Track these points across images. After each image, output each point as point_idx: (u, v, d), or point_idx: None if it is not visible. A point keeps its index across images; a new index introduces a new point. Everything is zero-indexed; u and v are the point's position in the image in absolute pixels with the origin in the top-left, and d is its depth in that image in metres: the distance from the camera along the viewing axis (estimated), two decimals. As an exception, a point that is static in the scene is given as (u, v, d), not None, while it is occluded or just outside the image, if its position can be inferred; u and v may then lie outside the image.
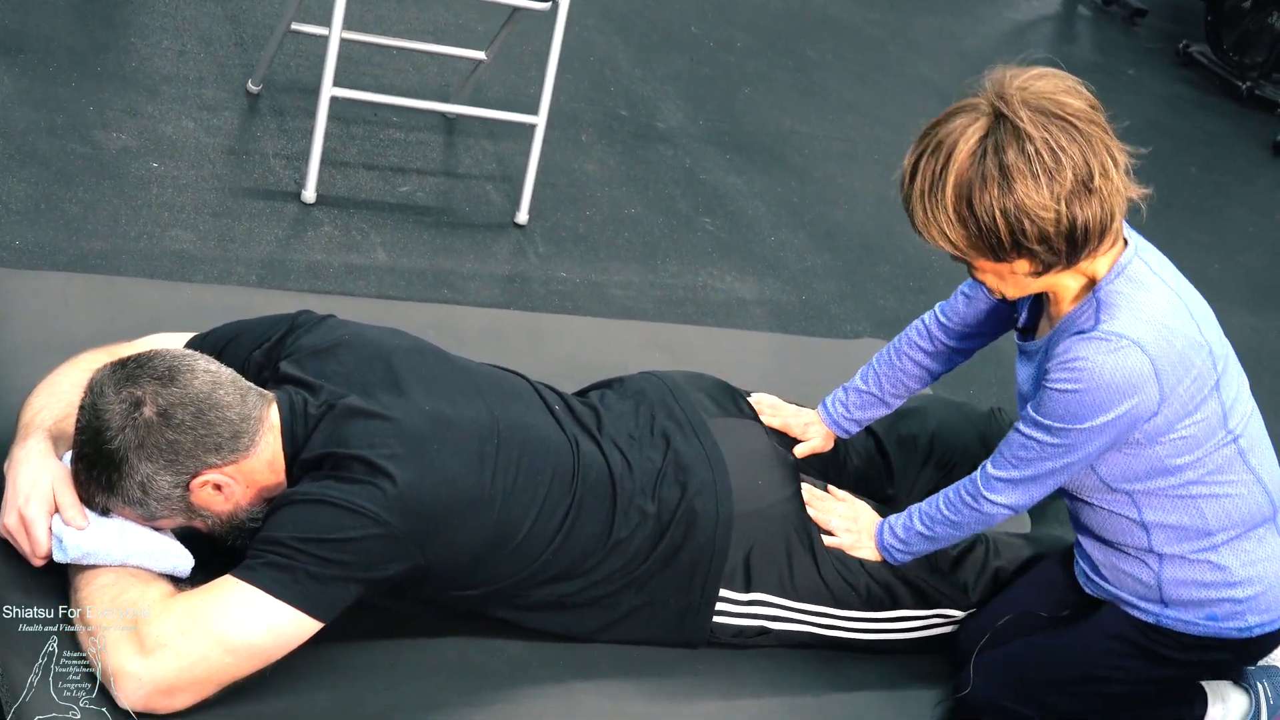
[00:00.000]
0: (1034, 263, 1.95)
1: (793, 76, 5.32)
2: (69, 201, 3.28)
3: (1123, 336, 1.95)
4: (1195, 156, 5.85)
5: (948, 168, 1.91)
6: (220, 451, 1.87)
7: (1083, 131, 1.90)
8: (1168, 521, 2.10)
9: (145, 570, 1.86)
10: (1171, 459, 2.05)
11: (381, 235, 3.58)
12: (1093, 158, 1.90)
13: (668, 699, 2.15)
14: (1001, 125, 1.90)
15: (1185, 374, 1.98)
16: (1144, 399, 1.96)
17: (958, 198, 1.91)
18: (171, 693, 1.76)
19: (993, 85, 1.94)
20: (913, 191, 1.96)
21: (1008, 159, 1.88)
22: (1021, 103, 1.90)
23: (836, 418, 2.44)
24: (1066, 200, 1.89)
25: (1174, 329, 1.98)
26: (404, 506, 1.86)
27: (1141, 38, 7.03)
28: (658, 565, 2.16)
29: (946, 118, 1.96)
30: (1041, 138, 1.88)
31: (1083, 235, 1.92)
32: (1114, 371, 1.94)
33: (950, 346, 2.39)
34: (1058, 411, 2.00)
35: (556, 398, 2.25)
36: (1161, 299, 2.00)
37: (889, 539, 2.28)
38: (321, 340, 2.08)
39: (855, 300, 4.02)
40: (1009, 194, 1.88)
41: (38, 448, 1.91)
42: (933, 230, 1.96)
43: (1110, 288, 2.00)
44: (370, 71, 4.22)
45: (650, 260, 3.88)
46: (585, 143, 4.34)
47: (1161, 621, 2.16)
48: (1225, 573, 2.12)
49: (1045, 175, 1.88)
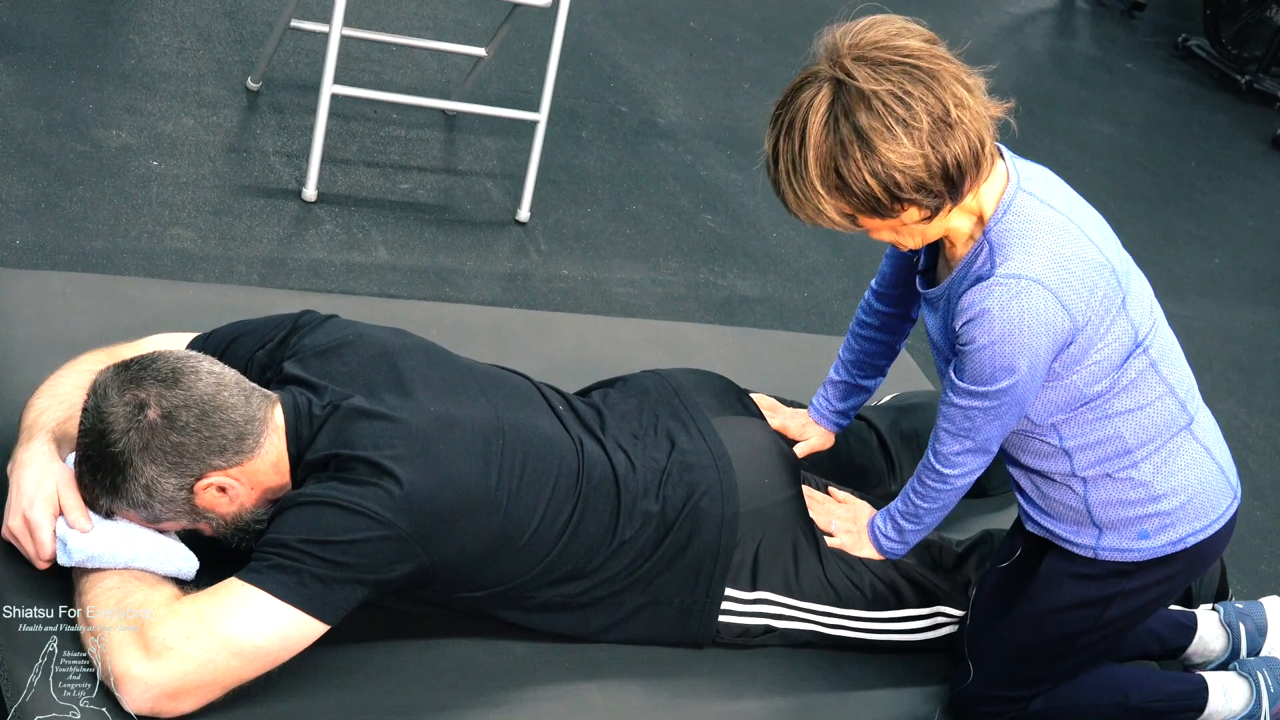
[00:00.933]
0: (920, 209, 1.93)
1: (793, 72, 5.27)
2: (69, 200, 3.27)
3: (1020, 277, 1.94)
4: (1194, 151, 5.85)
5: (804, 144, 1.90)
6: (225, 453, 1.87)
7: (925, 69, 1.88)
8: (1087, 443, 2.10)
9: (150, 573, 1.85)
10: (1090, 385, 2.05)
11: (383, 233, 3.57)
12: (942, 92, 1.88)
13: (673, 698, 2.14)
14: (843, 89, 1.88)
15: (1091, 297, 1.98)
16: (1057, 331, 1.96)
17: (823, 171, 1.90)
18: (177, 696, 1.75)
19: (825, 50, 1.92)
20: (779, 176, 1.95)
21: (860, 121, 1.86)
22: (855, 60, 1.88)
23: (824, 413, 2.45)
24: (930, 142, 1.87)
25: (1070, 254, 1.97)
26: (410, 508, 1.86)
27: (1140, 31, 7.02)
28: (662, 564, 2.15)
29: (792, 94, 1.94)
30: (885, 90, 1.86)
31: (957, 170, 1.90)
32: (1021, 314, 1.93)
33: (891, 313, 2.38)
34: (983, 372, 1.99)
35: (560, 398, 2.25)
36: (1052, 227, 1.99)
37: (883, 539, 2.29)
38: (325, 340, 2.07)
39: (857, 297, 4.00)
40: (872, 155, 1.87)
41: (41, 450, 1.90)
42: (808, 210, 1.95)
43: (999, 227, 1.99)
44: (370, 68, 4.22)
45: (652, 257, 3.88)
46: (586, 139, 4.33)
47: (1099, 554, 2.16)
48: (1148, 487, 2.12)
49: (901, 126, 1.86)
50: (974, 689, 2.26)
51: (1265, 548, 3.52)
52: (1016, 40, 6.61)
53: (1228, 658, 2.49)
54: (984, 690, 2.26)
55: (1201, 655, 2.51)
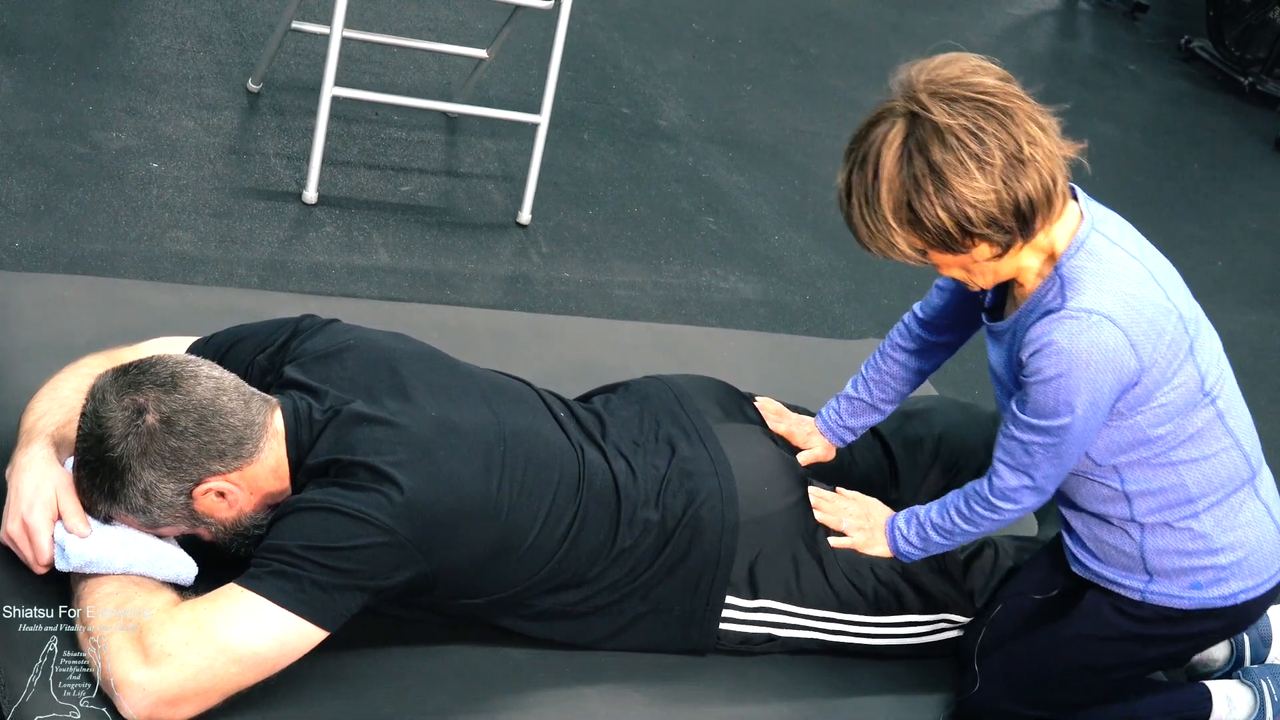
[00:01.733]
0: (992, 245, 1.94)
1: (794, 73, 5.31)
2: (69, 202, 3.27)
3: (1091, 312, 1.94)
4: (1197, 153, 5.84)
5: (878, 179, 1.91)
6: (224, 458, 1.86)
7: (999, 107, 1.89)
8: (1149, 489, 2.09)
9: (148, 578, 1.84)
10: (1153, 428, 2.04)
11: (383, 236, 3.57)
12: (1016, 129, 1.89)
13: (674, 706, 2.13)
14: (918, 124, 1.89)
15: (1159, 340, 1.97)
16: (1124, 369, 1.95)
17: (896, 206, 1.91)
18: (176, 703, 1.74)
19: (901, 85, 1.93)
20: (852, 210, 1.96)
21: (934, 156, 1.87)
22: (931, 95, 1.89)
23: (831, 425, 2.44)
24: (1002, 179, 1.88)
25: (1141, 297, 1.97)
26: (411, 514, 1.85)
27: (1143, 33, 7.01)
28: (663, 573, 2.14)
29: (866, 129, 1.95)
30: (959, 125, 1.87)
31: (1029, 207, 1.91)
32: (1089, 348, 1.93)
33: (931, 341, 2.38)
34: (1047, 404, 1.99)
35: (561, 404, 2.24)
36: (1124, 268, 1.99)
37: (902, 542, 2.27)
38: (326, 345, 2.06)
39: (859, 300, 4.00)
40: (945, 189, 1.87)
41: (40, 454, 1.89)
42: (880, 243, 1.96)
43: (1072, 263, 1.99)
44: (371, 70, 4.21)
45: (653, 260, 3.87)
46: (587, 141, 4.32)
47: (1147, 598, 2.15)
48: (1207, 540, 2.11)
49: (974, 161, 1.86)
50: (986, 701, 2.25)
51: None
52: (1019, 41, 6.60)
53: (1231, 667, 2.48)
54: (994, 703, 2.24)
55: (1205, 664, 2.49)
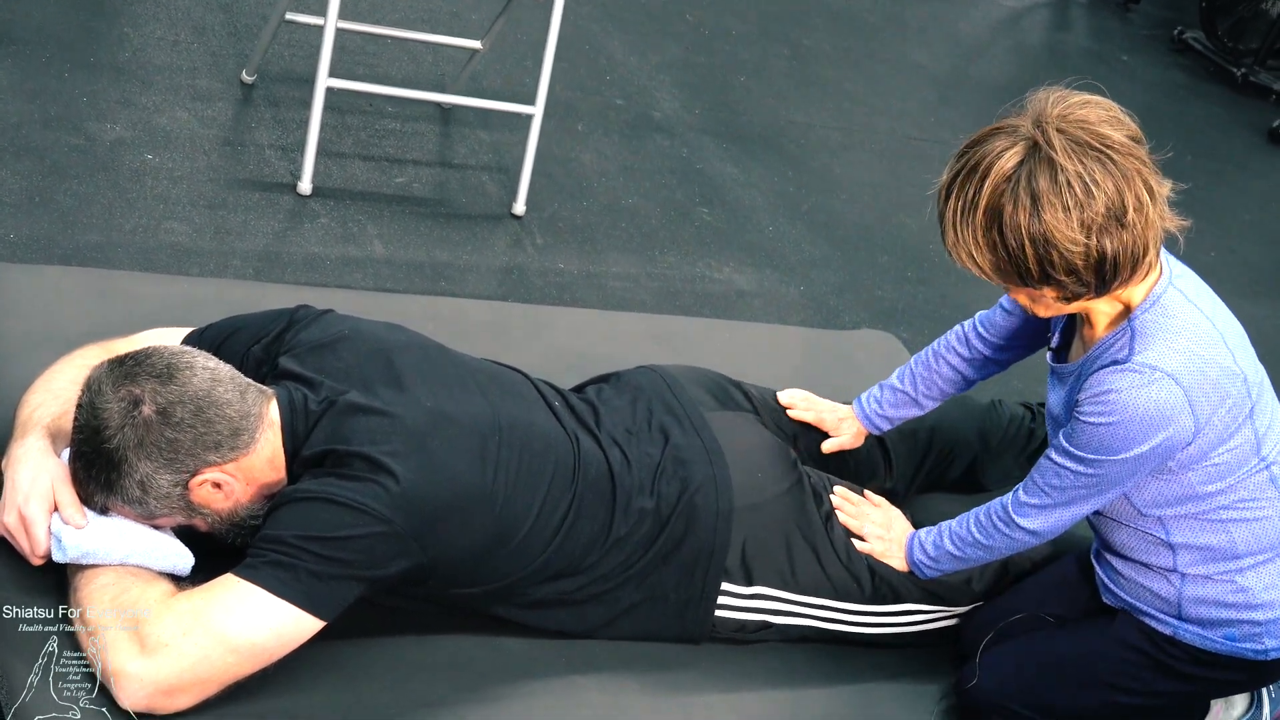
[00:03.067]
0: (1062, 291, 1.94)
1: (788, 65, 5.30)
2: (63, 194, 3.26)
3: (1155, 369, 1.94)
4: (1190, 144, 5.84)
5: (981, 190, 1.90)
6: (220, 449, 1.86)
7: (1119, 164, 1.88)
8: (1196, 543, 2.09)
9: (145, 569, 1.85)
10: (1204, 485, 2.04)
11: (378, 227, 3.56)
12: (1127, 191, 1.88)
13: (670, 694, 2.14)
14: (1037, 153, 1.88)
15: (1220, 403, 1.97)
16: (1178, 430, 1.95)
17: (988, 221, 1.90)
18: (173, 693, 1.75)
19: (1033, 109, 1.93)
20: (946, 210, 1.95)
21: (1039, 187, 1.86)
22: (1058, 131, 1.88)
23: (869, 413, 2.46)
24: (1096, 233, 1.87)
25: (1208, 359, 1.97)
26: (406, 504, 1.85)
27: (1136, 24, 7.01)
28: (657, 560, 2.15)
29: (986, 137, 1.94)
30: (1075, 170, 1.86)
31: (1112, 268, 1.90)
32: (1147, 404, 1.93)
33: (986, 356, 2.40)
34: (1091, 444, 1.99)
35: (555, 394, 2.24)
36: (1196, 328, 1.99)
37: (918, 555, 2.28)
38: (321, 335, 2.06)
39: (854, 291, 4.00)
40: (1038, 222, 1.87)
41: (36, 445, 1.89)
42: (961, 252, 1.95)
43: (1145, 317, 1.99)
44: (365, 61, 4.20)
45: (648, 251, 3.87)
46: (582, 132, 4.32)
47: (1179, 635, 2.15)
48: (1248, 594, 2.11)
49: (1076, 207, 1.86)
50: (986, 696, 2.24)
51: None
52: (1013, 34, 6.60)
53: None
54: (1000, 700, 2.23)
55: None
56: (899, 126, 5.09)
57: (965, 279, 2.35)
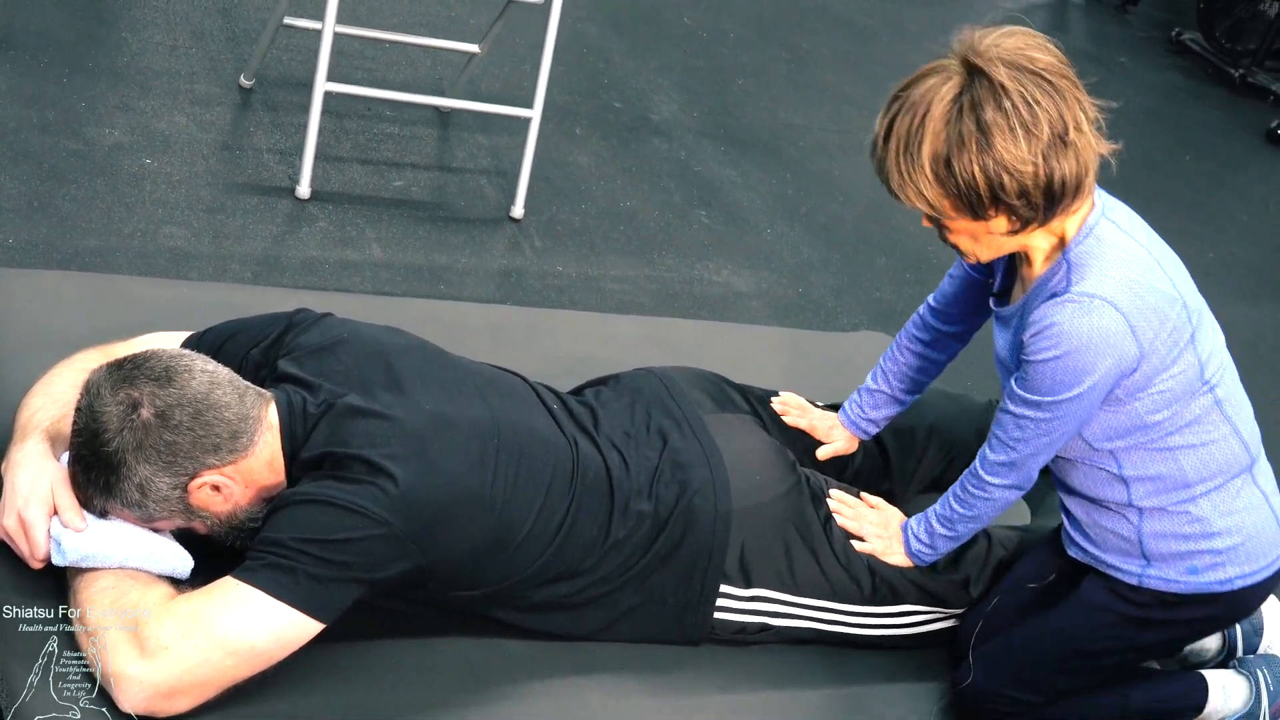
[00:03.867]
0: (1012, 219, 1.96)
1: (786, 68, 5.31)
2: (62, 199, 3.27)
3: (1094, 296, 1.96)
4: (1189, 145, 5.85)
5: (923, 127, 1.92)
6: (219, 452, 1.86)
7: (1055, 86, 1.91)
8: (1147, 474, 2.11)
9: (144, 572, 1.85)
10: (1151, 414, 2.06)
11: (376, 230, 3.57)
12: (1066, 112, 1.91)
13: (670, 696, 2.14)
14: (977, 81, 1.91)
15: (1161, 327, 1.99)
16: (1123, 355, 1.97)
17: (935, 157, 1.92)
18: (173, 695, 1.75)
19: (962, 45, 1.95)
20: (887, 154, 1.97)
21: (985, 115, 1.89)
22: (995, 58, 1.91)
23: (855, 419, 2.47)
24: (1044, 154, 1.90)
25: (1145, 284, 1.99)
26: (405, 507, 1.85)
27: (1134, 26, 7.02)
28: (656, 563, 2.15)
29: (918, 79, 1.96)
30: (1018, 91, 1.89)
31: (1060, 189, 1.93)
32: (1090, 332, 1.95)
33: (945, 332, 2.41)
34: (1043, 383, 2.01)
35: (554, 397, 2.24)
36: (1131, 256, 2.01)
37: (915, 545, 2.30)
38: (320, 338, 2.06)
39: (852, 293, 4.01)
40: (988, 150, 1.89)
41: (36, 449, 1.89)
42: (909, 191, 1.97)
43: (1079, 249, 2.01)
44: (363, 65, 4.21)
45: (646, 254, 3.87)
46: (580, 136, 4.33)
47: (1144, 581, 2.16)
48: (1204, 523, 2.13)
49: (1023, 130, 1.88)
50: (980, 687, 2.26)
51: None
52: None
53: (1224, 656, 2.49)
54: (993, 690, 2.26)
55: (1198, 654, 2.50)
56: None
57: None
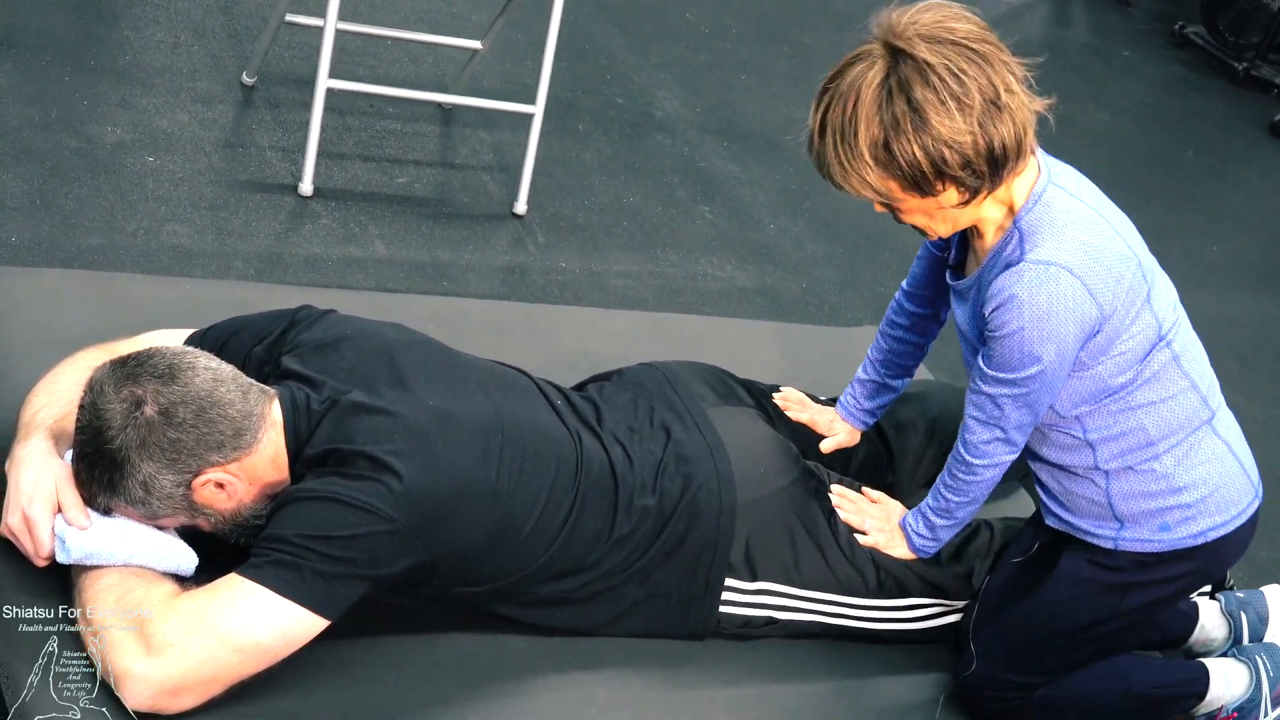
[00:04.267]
0: (961, 190, 1.97)
1: (788, 63, 5.30)
2: (64, 197, 3.27)
3: (1050, 263, 1.97)
4: (1192, 138, 5.84)
5: (856, 115, 1.93)
6: (222, 449, 1.86)
7: (979, 53, 1.92)
8: (1110, 435, 2.13)
9: (149, 570, 1.85)
10: (1114, 376, 2.07)
11: (379, 227, 3.57)
12: (995, 76, 1.92)
13: (675, 690, 2.14)
14: (901, 62, 1.92)
15: (1118, 287, 2.01)
16: (1084, 317, 1.98)
17: (872, 143, 1.93)
18: (178, 693, 1.75)
19: (880, 28, 1.96)
20: (825, 147, 1.98)
21: (915, 94, 1.90)
22: (915, 35, 1.92)
23: (851, 410, 2.49)
24: (979, 122, 1.91)
25: (1098, 245, 2.00)
26: (410, 503, 1.85)
27: (1136, 19, 7.01)
28: (661, 557, 2.15)
29: (843, 69, 1.97)
30: (942, 64, 1.90)
31: (1001, 153, 1.94)
32: (1049, 299, 1.96)
33: (920, 314, 2.42)
34: (1011, 359, 2.02)
35: (557, 393, 2.24)
36: (1081, 219, 2.03)
37: (917, 538, 2.30)
38: (323, 335, 2.06)
39: (855, 287, 4.01)
40: (924, 128, 1.90)
41: (39, 447, 1.89)
42: (853, 180, 1.98)
43: (1030, 216, 2.02)
44: (365, 62, 4.21)
45: (649, 249, 3.87)
46: (582, 132, 4.32)
47: (1120, 544, 2.18)
48: (1169, 479, 2.14)
49: (954, 101, 1.90)
50: (981, 674, 2.27)
51: (1265, 536, 3.52)
52: (1013, 30, 6.59)
53: (1229, 647, 2.49)
54: (992, 675, 2.26)
55: (1203, 645, 2.51)
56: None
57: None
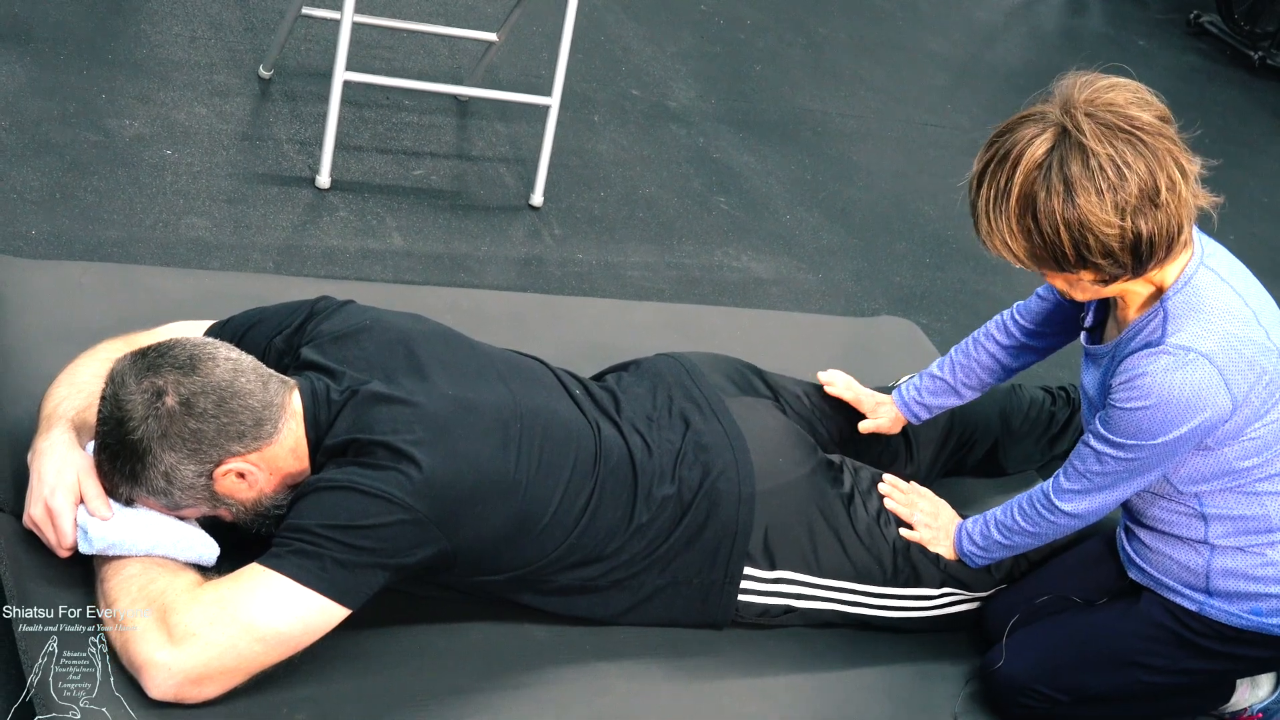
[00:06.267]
0: (1099, 274, 1.95)
1: (802, 53, 5.29)
2: (83, 190, 3.27)
3: (1189, 350, 1.95)
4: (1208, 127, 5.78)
5: (1013, 178, 1.91)
6: (243, 439, 1.87)
7: (1149, 145, 1.89)
8: (1230, 514, 2.10)
9: (171, 560, 1.86)
10: (1241, 461, 2.05)
11: (397, 219, 3.57)
12: (1159, 171, 1.89)
13: (694, 680, 2.15)
14: (1067, 139, 1.89)
15: (1256, 380, 1.98)
16: (1215, 410, 1.96)
17: (1021, 209, 1.91)
18: (201, 682, 1.76)
19: (1060, 95, 1.94)
20: (978, 200, 1.97)
21: (1072, 173, 1.88)
22: (1087, 115, 1.89)
23: (908, 400, 2.47)
24: (1131, 214, 1.88)
25: (1241, 336, 1.97)
26: (430, 492, 1.86)
27: (1152, 9, 6.98)
28: (680, 545, 2.16)
29: (1015, 125, 1.95)
30: (1106, 153, 1.87)
31: (1148, 248, 1.91)
32: (1183, 386, 1.94)
33: (1024, 343, 2.41)
34: (1129, 429, 2.00)
35: (576, 382, 2.25)
36: (1228, 307, 1.99)
37: (968, 546, 2.30)
38: (342, 326, 2.07)
39: (872, 278, 4.00)
40: (1072, 207, 1.88)
41: (61, 438, 1.91)
42: (995, 240, 1.96)
43: (1177, 298, 2.00)
44: (382, 55, 4.21)
45: (666, 240, 3.87)
46: (598, 123, 4.32)
47: (1205, 610, 2.15)
48: (1277, 568, 2.11)
49: (1109, 190, 1.87)
50: (1012, 678, 2.25)
51: None
52: (1028, 19, 6.58)
53: None
54: (1023, 681, 2.24)
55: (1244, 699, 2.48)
56: (915, 113, 5.08)
57: (984, 265, 2.36)
